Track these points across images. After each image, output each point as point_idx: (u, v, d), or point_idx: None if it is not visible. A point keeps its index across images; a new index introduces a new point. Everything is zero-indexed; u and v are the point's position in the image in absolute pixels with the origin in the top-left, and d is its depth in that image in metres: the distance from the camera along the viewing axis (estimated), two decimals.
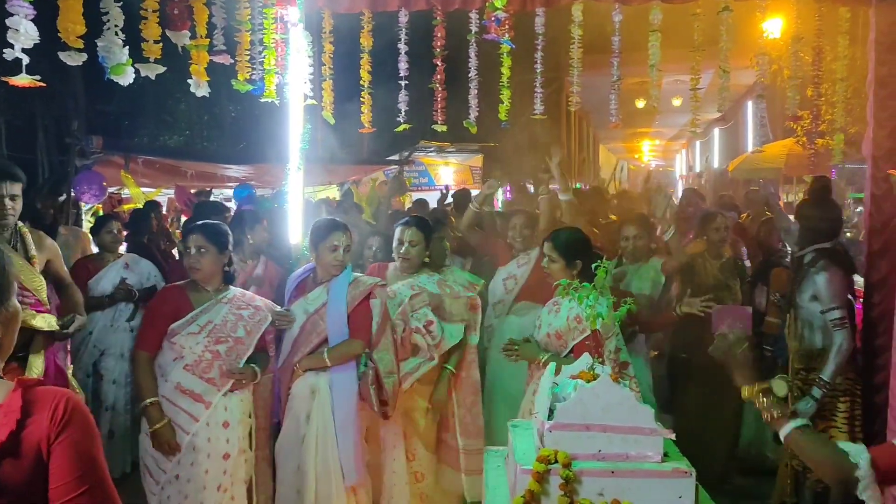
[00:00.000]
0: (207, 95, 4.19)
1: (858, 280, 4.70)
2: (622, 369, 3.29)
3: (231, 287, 3.62)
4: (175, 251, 7.23)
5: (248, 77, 4.34)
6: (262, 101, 4.40)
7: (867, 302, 4.61)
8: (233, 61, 4.26)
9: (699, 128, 5.41)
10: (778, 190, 12.43)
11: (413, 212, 7.54)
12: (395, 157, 12.44)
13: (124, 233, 5.69)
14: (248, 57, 4.32)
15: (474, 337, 4.15)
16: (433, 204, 8.64)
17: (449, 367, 4.03)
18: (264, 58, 4.27)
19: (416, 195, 10.86)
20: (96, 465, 1.49)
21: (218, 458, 3.40)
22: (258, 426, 3.69)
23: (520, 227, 4.87)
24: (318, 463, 3.60)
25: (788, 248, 5.79)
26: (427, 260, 4.12)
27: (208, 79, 4.09)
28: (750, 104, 15.84)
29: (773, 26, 7.99)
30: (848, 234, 7.94)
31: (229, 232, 3.64)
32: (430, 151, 13.17)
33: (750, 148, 15.31)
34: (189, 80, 4.15)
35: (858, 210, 8.29)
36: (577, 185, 17.70)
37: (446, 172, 14.27)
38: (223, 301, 3.54)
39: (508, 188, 17.21)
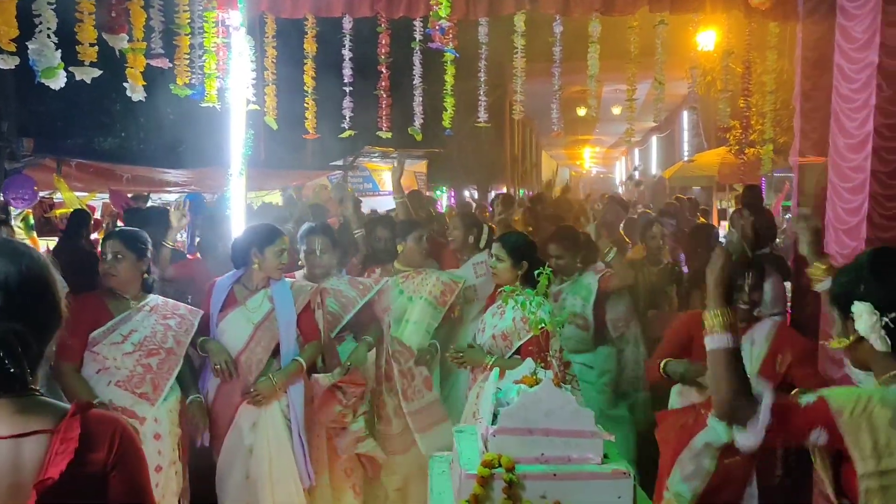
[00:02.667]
0: (143, 100, 4.11)
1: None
2: (566, 368, 3.40)
3: (150, 295, 3.54)
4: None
5: (187, 81, 4.27)
6: (202, 105, 4.34)
7: (795, 305, 4.81)
8: (171, 65, 4.19)
9: (634, 137, 5.58)
10: (712, 197, 12.85)
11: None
12: (339, 163, 12.37)
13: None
14: (188, 61, 4.25)
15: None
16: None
17: (368, 337, 4.15)
18: (204, 62, 4.21)
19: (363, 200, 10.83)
20: (147, 496, 1.47)
21: (150, 471, 3.31)
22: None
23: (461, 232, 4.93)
24: (274, 470, 3.55)
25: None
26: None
27: (144, 83, 4.01)
28: (686, 114, 16.33)
29: (707, 39, 8.27)
30: (778, 241, 8.26)
31: (148, 239, 3.58)
32: (375, 157, 13.14)
33: (686, 156, 15.78)
34: (126, 84, 4.06)
35: (787, 216, 8.64)
36: (521, 192, 17.94)
37: (391, 178, 14.25)
38: (144, 309, 3.46)
39: (452, 193, 17.32)
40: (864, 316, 1.80)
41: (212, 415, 3.67)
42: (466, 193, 16.51)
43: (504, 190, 17.81)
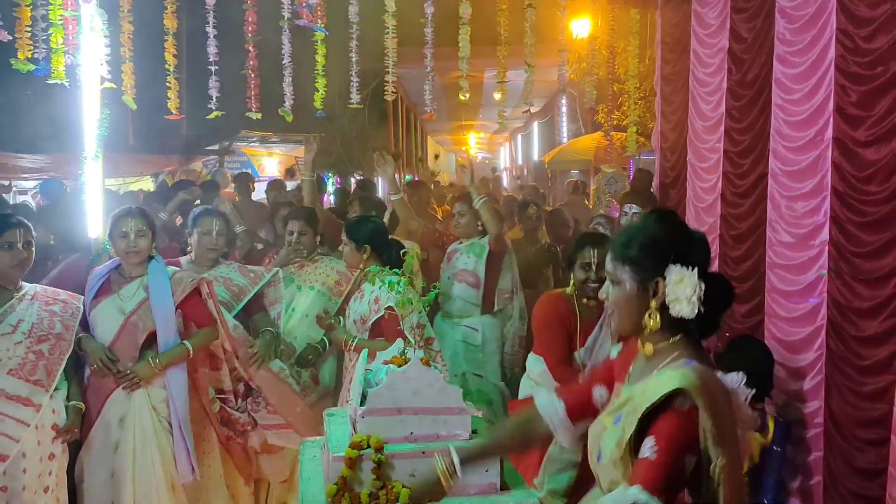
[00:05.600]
0: None
1: None
2: (427, 344, 3.51)
3: (26, 284, 3.40)
4: None
5: (29, 56, 3.95)
6: (50, 83, 4.03)
7: None
8: (11, 38, 3.86)
9: (516, 122, 5.70)
10: (589, 180, 13.32)
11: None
12: (215, 148, 11.89)
13: None
14: (30, 34, 3.93)
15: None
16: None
17: (271, 329, 4.01)
18: (50, 35, 3.91)
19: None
20: None
21: (45, 459, 3.26)
22: None
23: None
24: (137, 467, 3.44)
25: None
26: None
27: None
28: (564, 99, 16.81)
29: (582, 26, 8.53)
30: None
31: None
32: (253, 141, 12.73)
33: (565, 141, 16.26)
34: None
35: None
36: (409, 177, 17.94)
37: (270, 163, 13.89)
38: (26, 298, 3.34)
39: (338, 180, 17.08)
40: (688, 281, 1.70)
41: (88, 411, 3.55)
42: (352, 180, 16.31)
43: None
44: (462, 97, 5.63)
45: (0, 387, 3.15)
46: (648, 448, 1.63)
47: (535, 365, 3.49)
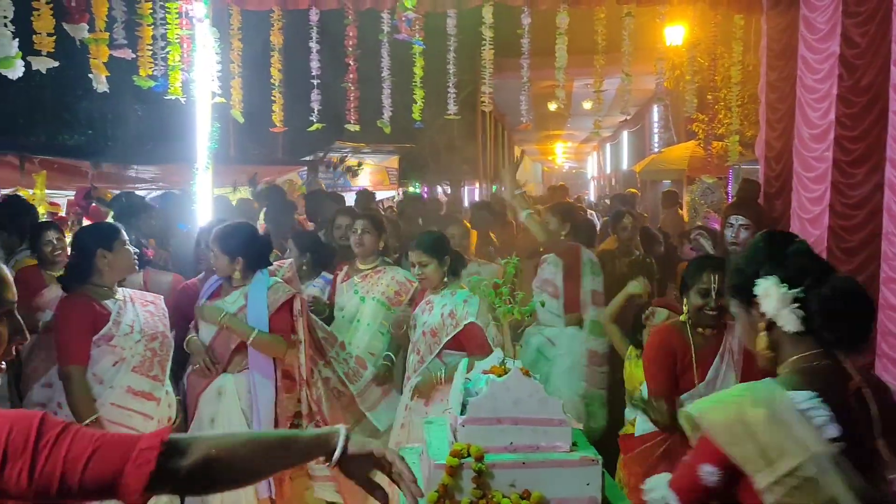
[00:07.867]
0: (108, 91, 4.04)
1: None
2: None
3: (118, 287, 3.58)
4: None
5: (150, 73, 4.20)
6: (166, 98, 4.27)
7: None
8: (134, 56, 4.12)
9: (606, 131, 5.63)
10: (682, 190, 12.99)
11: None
12: (310, 158, 12.28)
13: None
14: (151, 52, 4.18)
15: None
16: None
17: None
18: (168, 53, 4.15)
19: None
20: None
21: None
22: None
23: (458, 237, 4.87)
24: None
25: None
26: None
27: (108, 73, 3.93)
28: (656, 108, 16.47)
29: (676, 33, 8.34)
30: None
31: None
32: (346, 152, 13.07)
33: (656, 150, 15.92)
34: (90, 75, 3.99)
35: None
36: (494, 188, 17.98)
37: (362, 174, 14.21)
38: (128, 299, 3.52)
39: (425, 189, 17.32)
40: (771, 291, 1.66)
41: (185, 405, 3.77)
42: (439, 189, 16.48)
43: (476, 185, 17.77)
44: (554, 107, 5.59)
45: (126, 383, 3.34)
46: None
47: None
